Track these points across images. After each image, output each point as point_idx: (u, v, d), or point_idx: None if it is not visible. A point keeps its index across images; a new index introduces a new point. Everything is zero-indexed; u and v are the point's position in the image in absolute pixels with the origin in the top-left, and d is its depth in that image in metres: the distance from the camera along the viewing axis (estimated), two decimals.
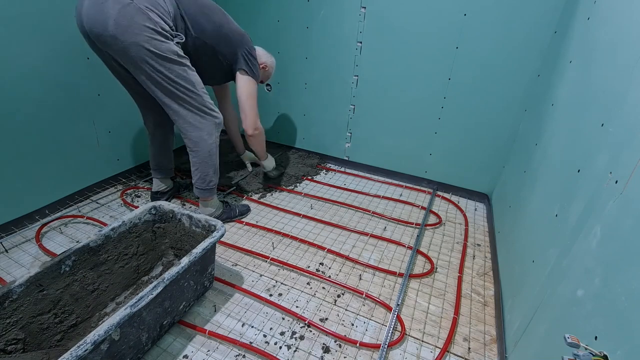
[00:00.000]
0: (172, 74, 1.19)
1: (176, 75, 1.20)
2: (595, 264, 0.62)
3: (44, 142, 1.46)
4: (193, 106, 1.28)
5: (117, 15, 1.07)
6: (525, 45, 1.49)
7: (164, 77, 1.18)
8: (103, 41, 1.12)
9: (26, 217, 1.47)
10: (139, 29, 1.09)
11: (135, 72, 1.19)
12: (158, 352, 1.01)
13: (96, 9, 1.08)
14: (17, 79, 1.32)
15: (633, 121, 0.63)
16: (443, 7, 1.58)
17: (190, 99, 1.26)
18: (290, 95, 2.17)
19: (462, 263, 1.41)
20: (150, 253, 1.24)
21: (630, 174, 0.58)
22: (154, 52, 1.13)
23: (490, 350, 1.07)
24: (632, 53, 0.70)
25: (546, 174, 1.06)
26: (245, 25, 2.07)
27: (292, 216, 1.68)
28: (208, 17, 1.29)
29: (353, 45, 1.84)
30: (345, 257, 1.41)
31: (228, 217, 1.59)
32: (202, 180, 1.41)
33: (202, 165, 1.38)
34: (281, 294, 1.23)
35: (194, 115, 1.29)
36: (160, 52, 1.14)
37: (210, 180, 1.43)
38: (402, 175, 2.06)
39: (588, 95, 0.89)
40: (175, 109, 1.26)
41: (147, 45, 1.11)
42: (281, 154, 2.28)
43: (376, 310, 1.19)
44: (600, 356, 0.50)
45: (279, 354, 1.02)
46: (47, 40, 1.38)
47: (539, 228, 0.99)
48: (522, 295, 0.99)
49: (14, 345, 0.87)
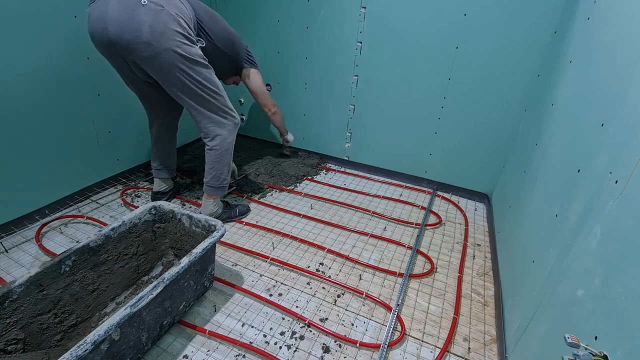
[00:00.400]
0: (201, 77, 1.25)
1: (204, 78, 1.26)
2: (595, 264, 0.62)
3: (44, 142, 1.46)
4: (218, 107, 1.35)
5: (152, 21, 1.11)
6: (525, 45, 1.49)
7: (193, 80, 1.24)
8: (133, 48, 1.13)
9: (26, 217, 1.47)
10: (172, 34, 1.15)
11: (163, 76, 1.22)
12: (158, 352, 1.01)
13: (128, 16, 1.10)
14: (17, 79, 1.31)
15: (633, 121, 0.63)
16: (443, 7, 1.58)
17: (216, 101, 1.33)
18: (290, 95, 2.17)
19: (462, 263, 1.41)
20: (150, 253, 1.24)
21: (630, 174, 0.58)
22: (186, 56, 1.19)
23: (490, 350, 1.07)
24: (632, 53, 0.70)
25: (546, 174, 1.06)
26: (245, 25, 2.08)
27: (292, 216, 1.68)
28: (216, 22, 1.39)
29: (353, 45, 1.84)
30: (345, 257, 1.41)
31: (228, 217, 1.59)
32: (216, 178, 1.45)
33: (218, 164, 1.43)
34: (281, 294, 1.23)
35: (217, 117, 1.36)
36: (190, 56, 1.20)
37: (225, 178, 1.48)
38: (402, 175, 2.06)
39: (588, 95, 0.89)
40: (201, 110, 1.32)
41: (179, 50, 1.17)
42: (281, 153, 2.28)
43: (376, 310, 1.19)
44: (600, 356, 0.50)
45: (279, 354, 1.02)
46: (47, 40, 1.38)
47: (539, 228, 0.99)
48: (522, 295, 0.99)
49: (14, 345, 0.87)
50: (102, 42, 1.17)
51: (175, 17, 1.15)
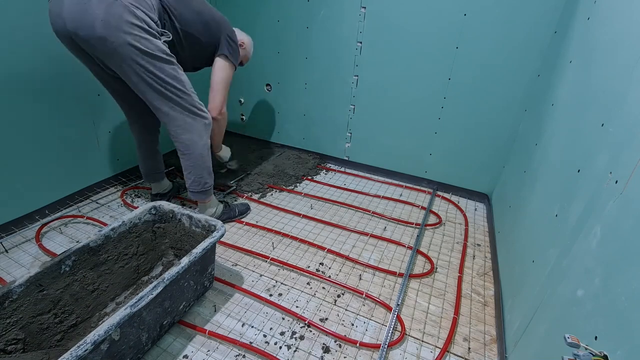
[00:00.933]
0: (163, 73, 1.16)
1: (167, 75, 1.17)
2: (595, 264, 0.62)
3: (44, 142, 1.46)
4: (183, 107, 1.25)
5: (105, 15, 1.01)
6: (525, 45, 1.49)
7: (154, 77, 1.15)
8: (91, 44, 1.06)
9: (26, 217, 1.47)
10: (128, 27, 1.04)
11: (125, 74, 1.14)
12: (158, 352, 1.01)
13: (79, 9, 1.01)
14: (16, 79, 1.32)
15: (633, 121, 0.63)
16: (443, 7, 1.58)
17: (181, 100, 1.23)
18: (290, 95, 2.17)
19: (462, 263, 1.41)
20: (150, 253, 1.24)
21: (630, 174, 0.58)
22: (144, 50, 1.09)
23: (490, 350, 1.07)
24: (632, 53, 0.70)
25: (546, 174, 1.06)
26: (245, 26, 2.07)
27: (292, 216, 1.68)
28: (187, 5, 1.25)
29: (353, 45, 1.84)
30: (345, 257, 1.41)
31: (228, 217, 1.58)
32: (196, 183, 1.39)
33: (195, 168, 1.36)
34: (281, 294, 1.23)
35: (184, 117, 1.26)
36: (150, 51, 1.10)
37: (205, 182, 1.41)
38: (402, 175, 2.06)
39: (588, 95, 0.89)
40: (165, 111, 1.23)
41: (137, 44, 1.07)
42: (281, 154, 2.28)
43: (376, 310, 1.19)
44: (600, 356, 0.50)
45: (279, 354, 1.02)
46: (47, 40, 1.38)
47: (539, 228, 0.99)
48: (522, 295, 0.99)
49: (14, 345, 0.87)
50: (65, 39, 1.11)
51: (130, 9, 1.03)
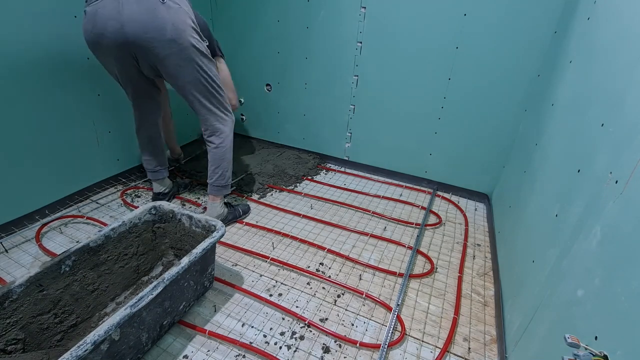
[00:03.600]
0: (211, 72, 1.29)
1: (213, 74, 1.30)
2: (595, 264, 0.62)
3: (44, 142, 1.46)
4: (221, 104, 1.37)
5: (174, 19, 1.13)
6: (525, 45, 1.49)
7: (206, 75, 1.27)
8: (155, 45, 1.14)
9: (26, 217, 1.47)
10: (190, 31, 1.18)
11: (180, 73, 1.23)
12: (158, 352, 1.01)
13: (150, 14, 1.11)
14: (16, 79, 1.31)
15: (633, 121, 0.63)
16: (443, 7, 1.58)
17: (220, 97, 1.36)
18: (290, 95, 2.17)
19: (462, 263, 1.41)
20: (150, 253, 1.24)
21: (630, 174, 0.58)
22: (202, 52, 1.23)
23: (491, 350, 1.07)
24: (632, 53, 0.70)
25: (546, 174, 1.06)
26: (245, 26, 2.08)
27: (292, 216, 1.68)
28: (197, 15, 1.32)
29: (353, 46, 1.84)
30: (345, 257, 1.41)
31: (234, 217, 1.59)
32: (222, 177, 1.46)
33: (223, 162, 1.44)
34: (281, 294, 1.23)
35: (221, 113, 1.39)
36: (205, 51, 1.24)
37: (229, 176, 1.50)
38: (402, 175, 2.06)
39: (588, 95, 0.89)
40: (208, 107, 1.34)
41: (198, 45, 1.21)
42: (281, 154, 2.28)
43: (376, 310, 1.19)
44: (600, 356, 0.50)
45: (279, 354, 1.02)
46: (48, 40, 1.38)
47: (539, 228, 0.99)
48: (522, 295, 0.99)
49: (14, 345, 0.87)
50: (113, 42, 1.15)
51: (190, 15, 1.18)
